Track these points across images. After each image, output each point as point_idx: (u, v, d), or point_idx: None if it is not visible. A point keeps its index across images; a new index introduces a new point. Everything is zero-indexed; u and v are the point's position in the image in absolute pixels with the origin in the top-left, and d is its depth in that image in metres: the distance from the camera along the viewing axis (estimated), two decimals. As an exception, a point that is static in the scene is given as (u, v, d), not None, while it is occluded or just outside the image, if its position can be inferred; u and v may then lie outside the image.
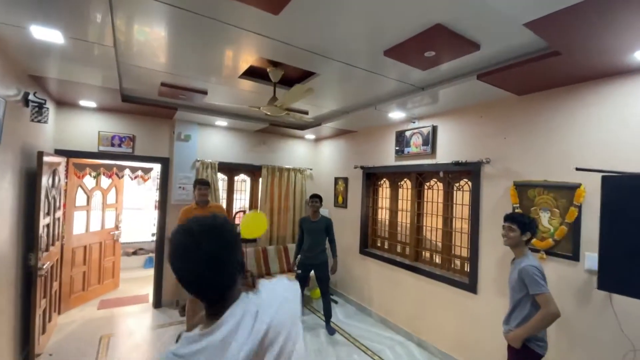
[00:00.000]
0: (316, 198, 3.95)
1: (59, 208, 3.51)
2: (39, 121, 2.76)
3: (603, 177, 1.52)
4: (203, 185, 3.55)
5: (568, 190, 2.37)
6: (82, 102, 3.67)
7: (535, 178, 2.58)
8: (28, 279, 2.85)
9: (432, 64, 2.25)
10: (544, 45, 1.92)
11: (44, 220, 2.90)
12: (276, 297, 0.86)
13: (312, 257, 3.86)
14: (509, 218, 2.13)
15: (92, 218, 4.51)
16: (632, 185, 1.44)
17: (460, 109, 3.23)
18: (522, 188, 2.66)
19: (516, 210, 2.66)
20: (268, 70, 2.69)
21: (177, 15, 1.82)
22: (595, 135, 2.27)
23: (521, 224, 2.05)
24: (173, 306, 4.31)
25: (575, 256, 2.34)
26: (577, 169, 1.85)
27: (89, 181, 4.48)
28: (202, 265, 0.79)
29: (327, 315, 3.84)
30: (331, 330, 3.77)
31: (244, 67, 2.61)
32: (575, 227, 2.34)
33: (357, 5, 1.66)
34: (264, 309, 0.81)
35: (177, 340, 0.82)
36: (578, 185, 2.30)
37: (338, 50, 2.19)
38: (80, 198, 4.33)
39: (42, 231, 2.84)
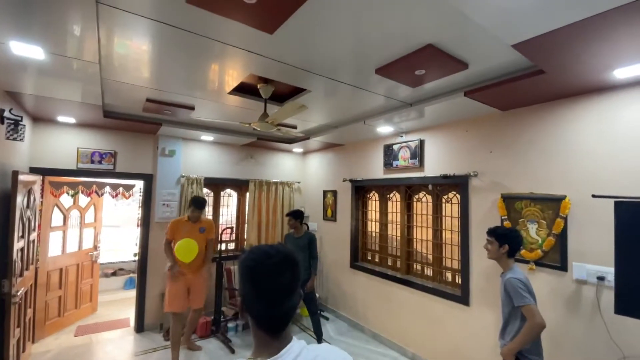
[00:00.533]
0: (290, 216, 3.80)
1: (34, 229, 3.31)
2: (14, 139, 2.62)
3: (616, 203, 1.56)
4: (197, 207, 3.48)
5: (554, 202, 2.45)
6: (61, 118, 3.52)
7: (522, 190, 2.65)
8: (1, 307, 2.64)
9: (422, 81, 2.30)
10: (529, 64, 2.01)
11: (18, 244, 2.72)
12: (336, 353, 0.89)
13: None
14: (487, 231, 2.19)
15: (69, 238, 4.28)
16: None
17: (446, 123, 3.31)
18: (509, 200, 2.73)
19: (504, 222, 2.72)
20: (259, 86, 2.67)
21: (168, 33, 1.78)
22: (575, 148, 2.37)
23: (498, 236, 2.08)
24: (157, 330, 4.10)
25: (563, 266, 2.40)
26: (594, 196, 1.92)
27: (66, 200, 4.27)
28: (280, 293, 0.80)
29: (318, 334, 3.72)
30: None
31: (234, 83, 2.58)
32: (562, 238, 2.41)
33: (352, 25, 1.68)
34: (322, 355, 0.84)
35: None
36: (563, 197, 2.38)
37: (330, 68, 2.21)
38: (57, 218, 4.11)
39: (16, 256, 2.66)
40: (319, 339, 3.73)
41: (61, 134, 3.73)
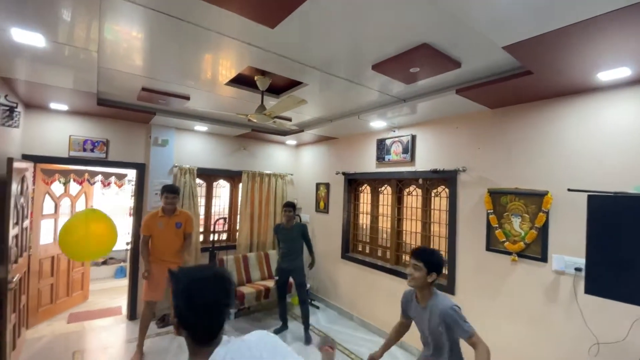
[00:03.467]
0: (290, 207, 3.87)
1: (27, 217, 3.30)
2: (9, 126, 2.60)
3: (589, 196, 1.71)
4: (170, 192, 3.37)
5: (537, 197, 2.58)
6: (53, 105, 3.48)
7: (508, 185, 2.78)
8: (-5, 294, 2.65)
9: (416, 78, 2.38)
10: (518, 64, 2.10)
11: (13, 231, 2.72)
12: (264, 340, 0.97)
13: (288, 263, 3.84)
14: (415, 254, 1.83)
15: (60, 226, 4.25)
16: (611, 204, 1.65)
17: (437, 119, 3.41)
18: (495, 195, 2.85)
19: (490, 216, 2.85)
20: (256, 78, 2.70)
21: (167, 23, 1.80)
22: (558, 146, 2.49)
23: (428, 264, 1.78)
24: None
25: (543, 258, 2.55)
26: (570, 190, 2.03)
27: (57, 188, 4.23)
28: (205, 309, 0.89)
29: (305, 322, 3.81)
30: (308, 339, 3.74)
31: (231, 75, 2.61)
32: (543, 231, 2.55)
33: (351, 24, 1.74)
34: (247, 347, 0.92)
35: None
36: (545, 193, 2.52)
37: (328, 63, 2.27)
38: (48, 206, 4.08)
39: (11, 242, 2.66)
40: (306, 328, 3.81)
41: (53, 121, 3.69)
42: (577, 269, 2.33)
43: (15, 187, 2.75)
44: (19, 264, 2.97)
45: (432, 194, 3.61)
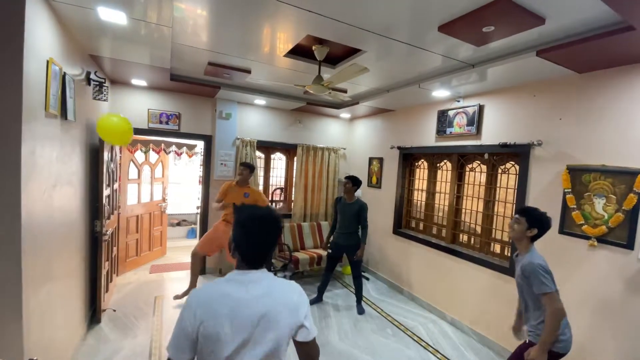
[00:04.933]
0: (348, 179, 3.76)
1: (116, 180, 3.81)
2: (100, 99, 2.96)
3: None
4: (245, 167, 3.79)
5: (628, 176, 2.24)
6: (134, 81, 3.87)
7: (592, 162, 2.45)
8: (94, 244, 3.16)
9: (489, 39, 2.14)
10: (615, 19, 1.78)
11: (105, 191, 3.17)
12: (288, 287, 1.16)
13: (342, 239, 3.78)
14: (519, 210, 2.01)
15: (142, 190, 4.85)
16: None
17: (511, 87, 3.07)
18: (576, 172, 2.54)
19: (567, 196, 2.56)
20: (313, 48, 2.68)
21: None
22: (666, 117, 2.10)
23: (530, 218, 1.92)
24: (217, 273, 4.64)
25: (629, 244, 2.24)
26: None
27: (139, 156, 4.78)
28: (254, 240, 1.10)
29: (358, 296, 3.85)
30: (360, 310, 3.78)
31: (290, 45, 2.62)
32: (632, 215, 2.22)
33: (417, -21, 1.61)
34: (274, 287, 1.12)
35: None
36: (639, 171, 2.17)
37: (390, 26, 2.14)
38: (132, 172, 4.65)
39: (105, 201, 3.11)
40: (359, 301, 3.85)
41: (134, 95, 4.12)
42: (673, 260, 2.02)
43: (106, 154, 3.16)
44: (111, 220, 3.48)
45: (499, 171, 3.34)
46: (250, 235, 1.09)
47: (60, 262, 2.30)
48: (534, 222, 1.91)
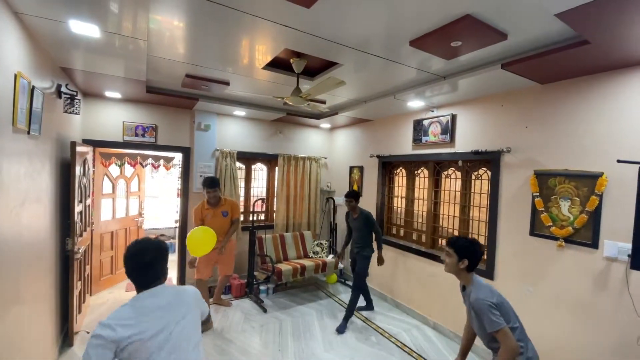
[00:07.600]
0: (350, 197, 3.77)
1: (89, 196, 3.67)
2: (71, 112, 2.87)
3: None
4: (210, 187, 3.53)
5: (590, 179, 2.40)
6: (108, 93, 3.77)
7: (557, 167, 2.60)
8: (65, 263, 3.02)
9: (457, 53, 2.27)
10: (572, 34, 1.93)
11: (77, 207, 3.05)
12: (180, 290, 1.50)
13: (355, 250, 3.88)
14: (448, 242, 1.91)
15: (117, 205, 4.68)
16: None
17: (480, 97, 3.23)
18: (542, 177, 2.69)
19: (535, 199, 2.70)
20: (291, 61, 2.73)
21: (206, 8, 1.86)
22: (619, 125, 2.27)
23: (458, 249, 1.84)
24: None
25: (594, 244, 2.38)
26: (619, 161, 1.87)
27: (113, 170, 4.64)
28: (144, 266, 1.39)
29: (348, 310, 3.64)
30: (342, 329, 3.55)
31: (268, 58, 2.65)
32: (595, 216, 2.37)
33: (388, -3, 1.69)
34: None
35: None
36: (600, 174, 2.33)
37: (364, 41, 2.22)
38: (106, 186, 4.50)
39: (76, 217, 2.99)
40: (346, 317, 3.65)
41: (108, 108, 4.01)
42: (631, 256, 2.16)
43: (78, 169, 3.06)
44: (83, 237, 3.34)
45: (473, 177, 3.48)
46: (135, 265, 1.38)
47: (30, 283, 2.19)
48: (463, 252, 1.83)
